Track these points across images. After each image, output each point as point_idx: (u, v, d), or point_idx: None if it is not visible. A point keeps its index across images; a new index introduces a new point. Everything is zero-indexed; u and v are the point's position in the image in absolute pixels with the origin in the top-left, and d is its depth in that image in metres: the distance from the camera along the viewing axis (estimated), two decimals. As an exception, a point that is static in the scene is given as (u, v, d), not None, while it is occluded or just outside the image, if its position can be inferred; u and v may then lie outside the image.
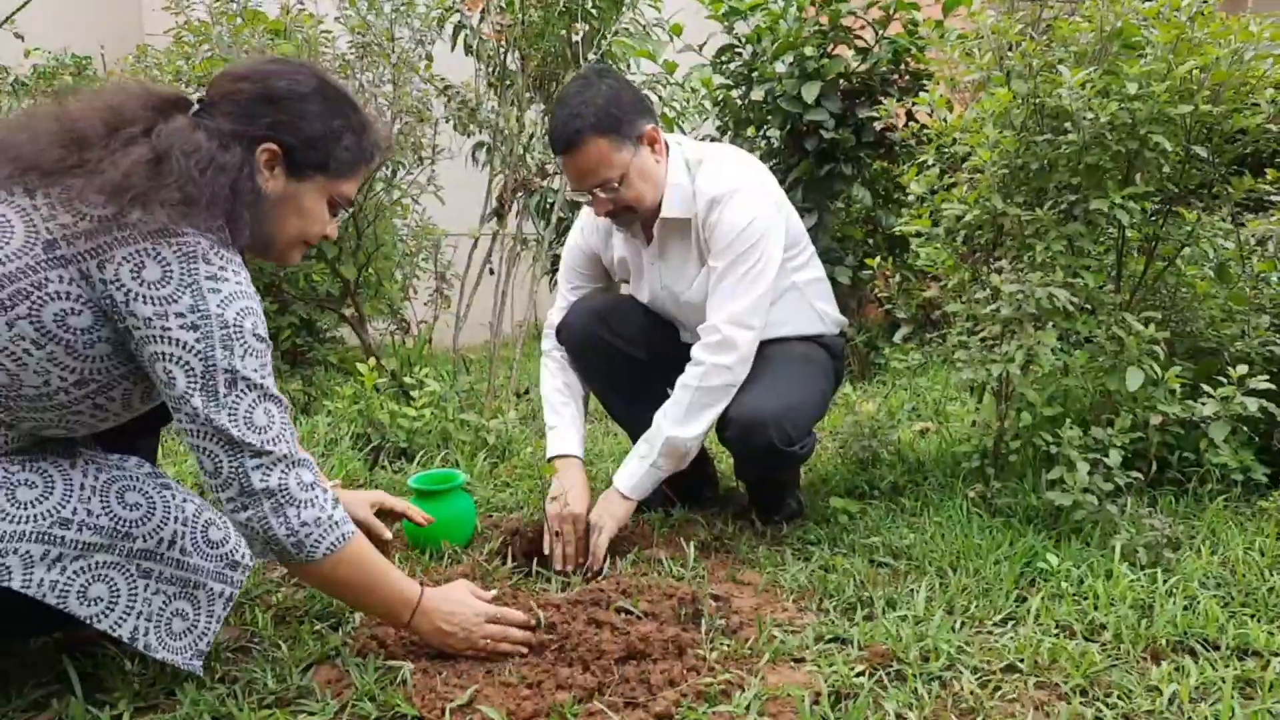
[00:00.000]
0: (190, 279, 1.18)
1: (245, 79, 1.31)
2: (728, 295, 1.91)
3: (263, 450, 1.22)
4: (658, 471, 1.93)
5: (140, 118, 1.23)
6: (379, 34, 2.93)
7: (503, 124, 3.18)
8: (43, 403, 1.20)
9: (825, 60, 3.66)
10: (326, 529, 1.28)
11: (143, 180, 1.16)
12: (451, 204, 3.38)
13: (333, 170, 1.35)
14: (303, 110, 1.31)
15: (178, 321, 1.17)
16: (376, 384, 2.71)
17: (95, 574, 1.23)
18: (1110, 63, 1.95)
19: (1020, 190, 2.12)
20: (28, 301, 1.15)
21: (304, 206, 1.35)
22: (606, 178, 1.89)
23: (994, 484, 2.15)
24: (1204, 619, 1.54)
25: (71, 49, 5.46)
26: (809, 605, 1.69)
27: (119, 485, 1.28)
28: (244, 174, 1.25)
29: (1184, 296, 2.37)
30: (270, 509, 1.23)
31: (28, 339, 1.16)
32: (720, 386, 1.90)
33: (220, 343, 1.19)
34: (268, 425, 1.23)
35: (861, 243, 4.21)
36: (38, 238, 1.17)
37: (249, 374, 1.21)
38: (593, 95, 1.86)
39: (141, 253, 1.17)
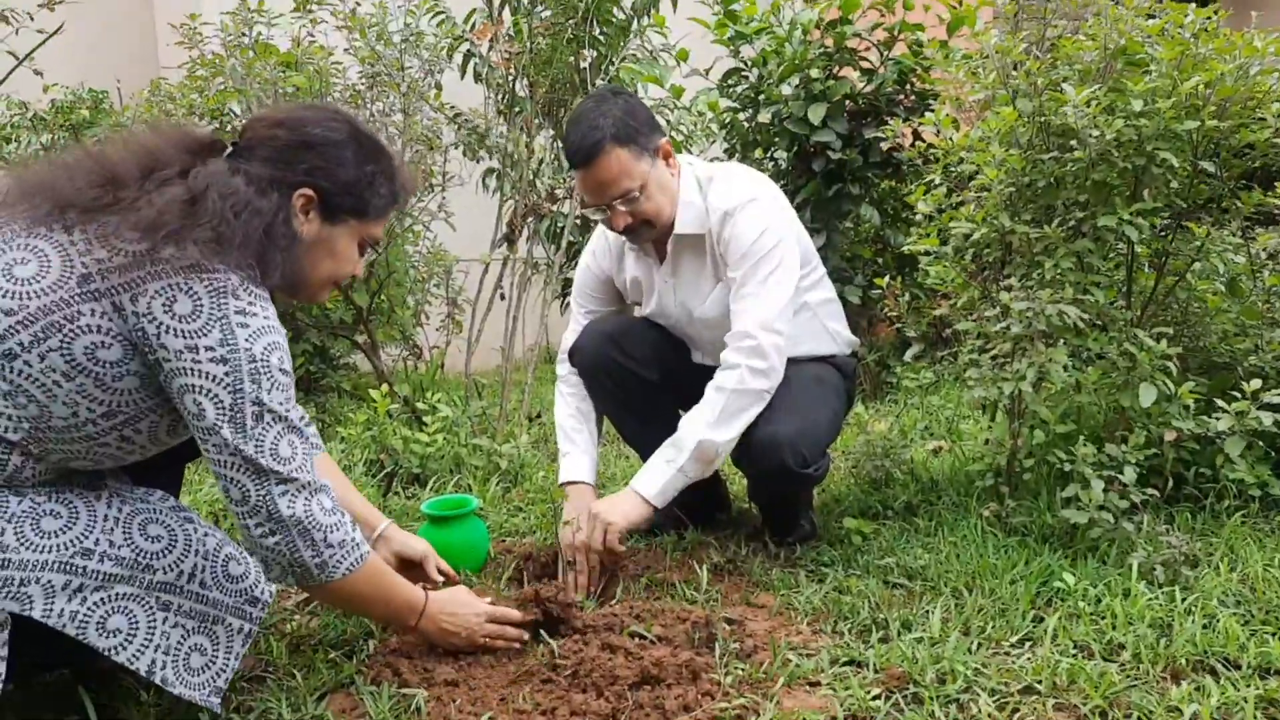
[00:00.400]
0: (220, 314, 1.22)
1: (281, 125, 1.36)
2: (753, 300, 1.90)
3: (288, 478, 1.26)
4: (684, 477, 1.86)
5: (176, 160, 1.28)
6: (389, 64, 2.98)
7: (512, 149, 3.21)
8: (71, 434, 1.23)
9: (831, 82, 3.68)
10: (348, 550, 1.33)
11: (176, 218, 1.20)
12: (462, 230, 3.41)
13: (366, 214, 1.41)
14: (339, 156, 1.36)
15: (208, 355, 1.20)
16: (389, 410, 2.73)
17: (115, 605, 1.24)
18: (1115, 80, 1.96)
19: (1028, 208, 2.13)
20: (60, 334, 1.18)
21: (337, 249, 1.40)
22: (627, 188, 1.90)
23: (1008, 502, 2.13)
24: (1224, 637, 1.52)
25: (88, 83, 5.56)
26: (824, 628, 1.68)
27: (141, 517, 1.30)
28: (279, 218, 1.30)
29: (1196, 311, 2.36)
30: (298, 534, 1.27)
31: (58, 370, 1.19)
32: (755, 391, 1.87)
33: (249, 376, 1.22)
34: (292, 455, 1.27)
35: (871, 262, 4.21)
36: (73, 271, 1.20)
37: (275, 406, 1.25)
38: (609, 109, 1.89)
39: (173, 287, 1.20)
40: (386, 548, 1.77)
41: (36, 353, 1.17)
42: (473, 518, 1.99)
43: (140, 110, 3.32)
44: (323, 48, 3.06)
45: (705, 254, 2.03)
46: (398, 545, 1.79)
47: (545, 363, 6.05)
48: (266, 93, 2.86)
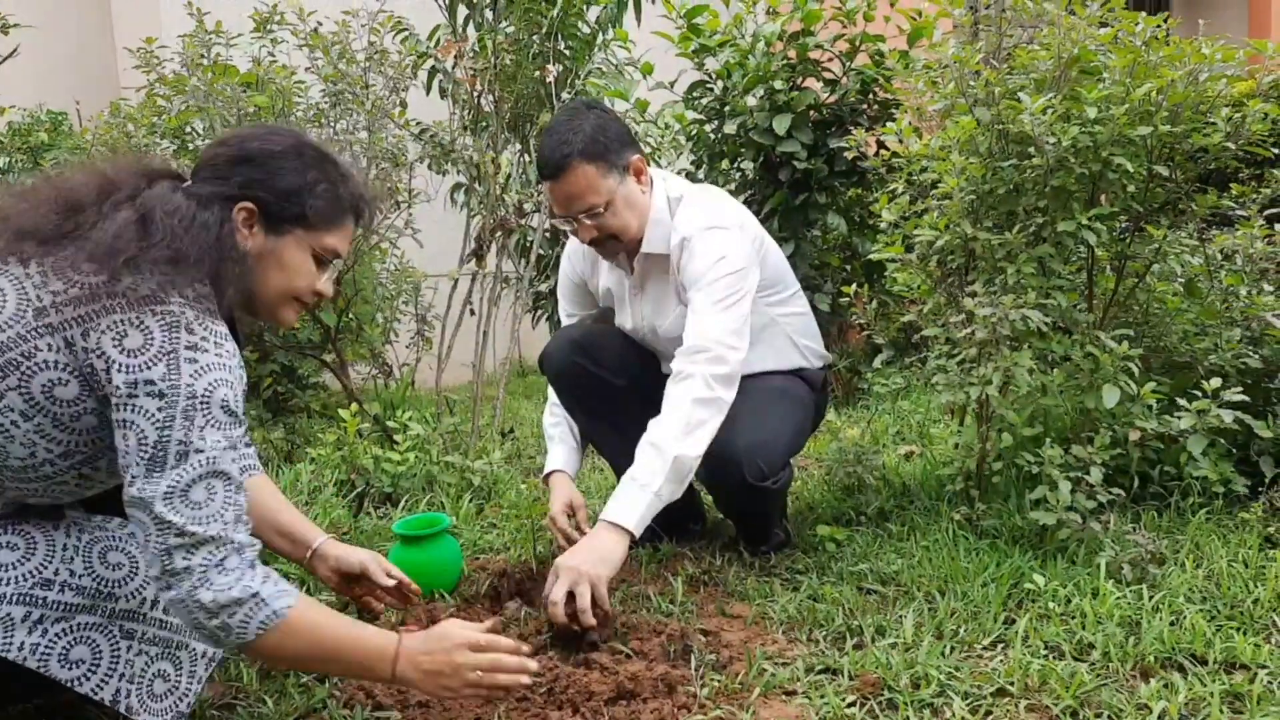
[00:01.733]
0: (170, 347, 1.16)
1: (224, 144, 1.35)
2: (706, 316, 1.87)
3: (186, 530, 1.14)
4: (660, 500, 1.75)
5: (129, 184, 1.26)
6: (353, 82, 2.96)
7: (479, 162, 3.20)
8: (28, 474, 1.20)
9: (795, 93, 3.72)
10: (252, 609, 1.16)
11: (131, 241, 1.17)
12: (430, 246, 3.39)
13: (311, 221, 1.34)
14: (276, 167, 1.32)
15: (146, 389, 1.14)
16: (360, 429, 2.70)
17: (77, 635, 1.22)
18: (1070, 88, 1.99)
19: (989, 214, 2.16)
20: (17, 372, 1.16)
21: (284, 261, 1.34)
22: (592, 204, 1.91)
23: (979, 506, 2.16)
24: (1191, 634, 1.55)
25: (47, 105, 5.49)
26: (799, 636, 1.68)
27: (101, 545, 1.28)
28: (224, 231, 1.26)
29: (1156, 312, 2.40)
30: (187, 590, 1.14)
31: (16, 410, 1.16)
32: (714, 400, 1.81)
33: (182, 413, 1.15)
34: (204, 502, 1.16)
35: (839, 269, 4.25)
36: (29, 305, 1.17)
37: (203, 447, 1.16)
38: (580, 124, 1.89)
39: (126, 321, 1.16)
40: (324, 565, 1.64)
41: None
42: (445, 536, 1.98)
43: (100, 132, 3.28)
44: (284, 67, 3.04)
45: (669, 274, 2.04)
46: (334, 560, 1.64)
47: (518, 376, 6.03)
48: (229, 111, 2.83)
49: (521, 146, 4.11)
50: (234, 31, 3.18)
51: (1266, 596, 1.68)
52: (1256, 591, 1.70)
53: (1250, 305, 2.30)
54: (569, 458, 2.18)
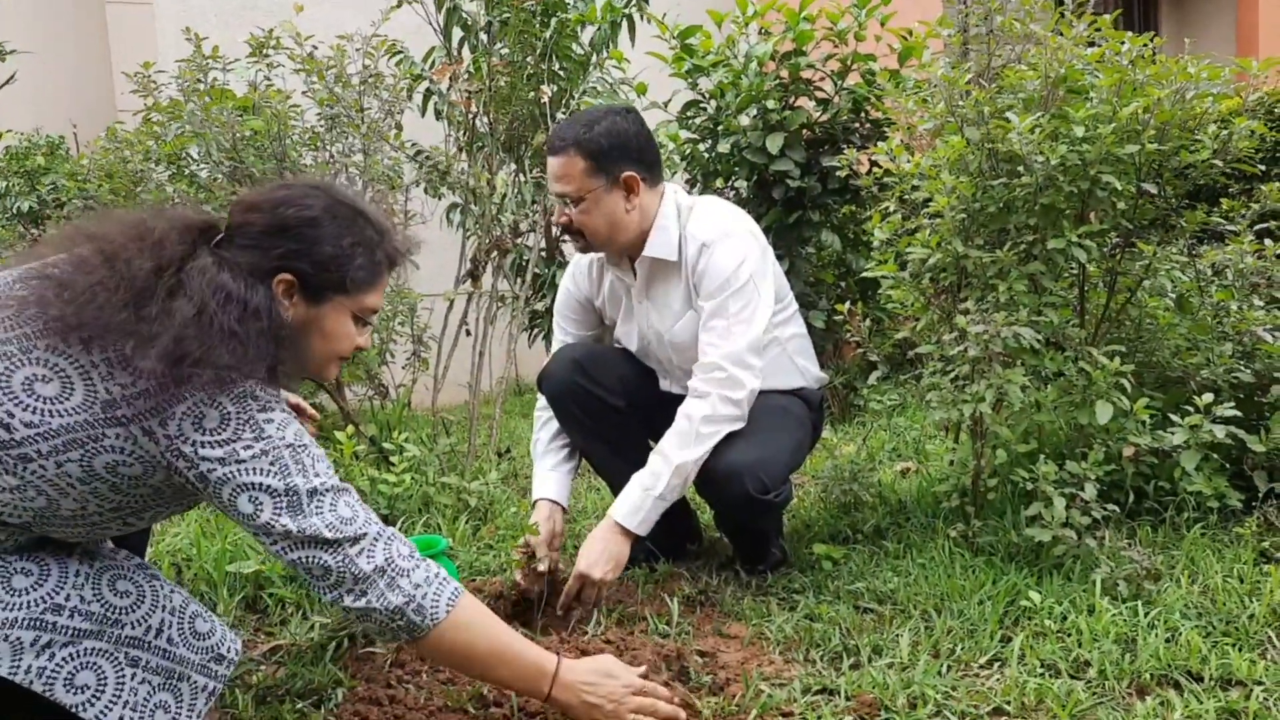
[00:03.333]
0: (246, 416, 1.22)
1: (256, 209, 1.33)
2: (722, 335, 1.93)
3: (358, 536, 1.26)
4: (663, 503, 1.88)
5: (178, 254, 1.25)
6: (348, 105, 2.98)
7: (474, 184, 3.22)
8: (76, 522, 1.24)
9: (787, 112, 3.74)
10: (440, 586, 1.30)
11: (193, 341, 1.18)
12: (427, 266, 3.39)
13: (350, 288, 1.35)
14: (314, 235, 1.32)
15: (248, 453, 1.21)
16: (356, 451, 2.70)
17: (83, 661, 1.23)
18: (1058, 107, 2.01)
19: (980, 232, 2.18)
20: (82, 449, 1.18)
21: (326, 329, 1.36)
22: (564, 191, 1.97)
23: (974, 523, 2.16)
24: (1186, 650, 1.55)
25: (44, 129, 5.51)
26: (796, 656, 1.68)
27: (111, 573, 1.30)
28: (273, 313, 1.27)
29: (1148, 328, 2.42)
30: (385, 585, 1.26)
31: (74, 476, 1.19)
32: (725, 418, 1.90)
33: (291, 459, 1.23)
34: (353, 516, 1.27)
35: (834, 286, 4.27)
36: (96, 397, 1.19)
37: (321, 480, 1.25)
38: (599, 119, 1.96)
39: (199, 404, 1.21)
40: None
41: (54, 460, 1.17)
42: (442, 559, 1.97)
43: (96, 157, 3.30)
44: (280, 91, 3.06)
45: (678, 280, 2.06)
46: None
47: (514, 394, 6.03)
48: (225, 136, 2.85)
49: (517, 167, 4.13)
50: (231, 56, 3.20)
51: (1262, 612, 1.68)
52: (1252, 607, 1.70)
53: (1241, 320, 2.31)
54: (555, 481, 2.17)
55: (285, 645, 1.81)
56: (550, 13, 3.98)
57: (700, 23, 3.92)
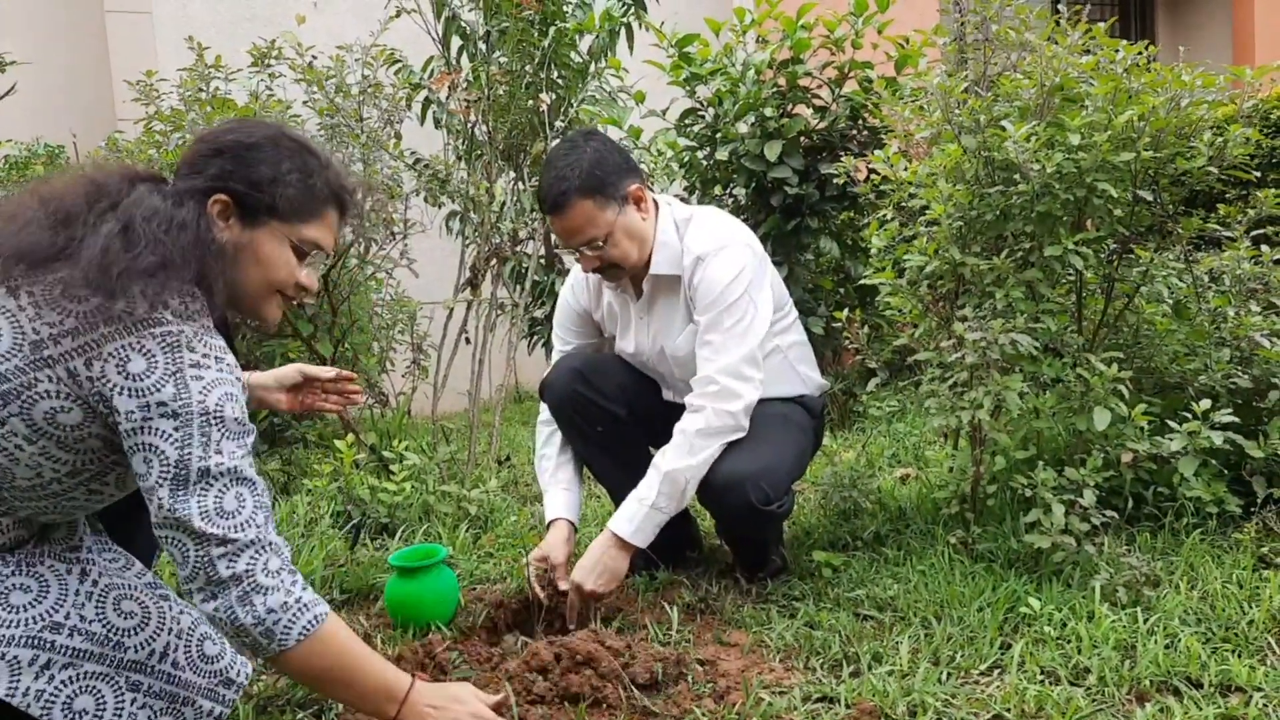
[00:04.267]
0: (174, 367, 1.17)
1: (201, 140, 1.32)
2: (718, 349, 1.93)
3: (227, 539, 1.18)
4: (658, 514, 1.88)
5: (113, 189, 1.24)
6: (347, 115, 2.99)
7: (473, 193, 3.23)
8: (36, 493, 1.21)
9: (785, 120, 3.76)
10: (296, 613, 1.21)
11: (119, 253, 1.16)
12: (426, 274, 3.41)
13: (284, 211, 1.31)
14: (248, 158, 1.29)
15: (159, 411, 1.16)
16: (356, 460, 2.71)
17: (82, 684, 1.21)
18: (1053, 115, 2.02)
19: (977, 240, 2.18)
20: (18, 401, 1.16)
21: (261, 253, 1.31)
22: (592, 237, 1.94)
23: (974, 529, 2.16)
24: (1186, 657, 1.55)
25: (44, 138, 5.53)
26: (796, 664, 1.68)
27: (116, 593, 1.28)
28: (201, 226, 1.24)
29: (1146, 334, 2.43)
30: (236, 597, 1.18)
31: (20, 435, 1.17)
32: (720, 429, 1.90)
33: (199, 429, 1.17)
34: (237, 510, 1.19)
35: (833, 293, 4.28)
36: (24, 339, 1.17)
37: (224, 459, 1.18)
38: (578, 158, 1.93)
39: (127, 347, 1.16)
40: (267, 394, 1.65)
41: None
42: (442, 567, 1.98)
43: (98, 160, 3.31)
44: (280, 101, 3.07)
45: (679, 294, 2.06)
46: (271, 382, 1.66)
47: (514, 402, 6.03)
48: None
49: (516, 175, 4.15)
50: (231, 65, 3.22)
51: (1261, 618, 1.68)
52: (1251, 613, 1.71)
53: (1239, 325, 2.32)
54: (567, 501, 2.14)
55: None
56: (549, 21, 3.99)
57: (698, 31, 3.94)
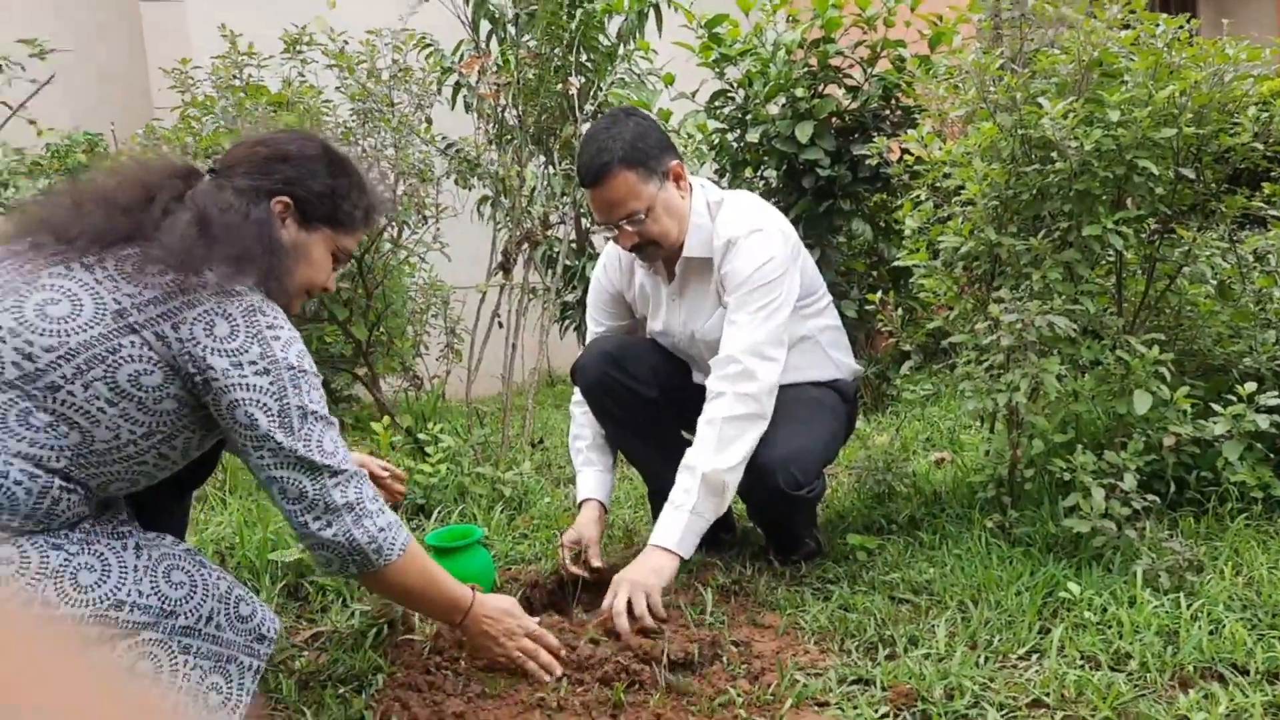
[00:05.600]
0: (254, 330, 1.30)
1: (259, 143, 1.46)
2: (742, 328, 1.92)
3: (338, 470, 1.34)
4: (700, 519, 1.82)
5: (168, 186, 1.37)
6: (379, 100, 3.01)
7: (503, 174, 3.24)
8: (112, 455, 1.28)
9: (816, 100, 3.72)
10: (398, 531, 1.41)
11: (195, 240, 1.28)
12: (459, 258, 3.43)
13: (339, 223, 1.48)
14: (312, 169, 1.45)
15: (251, 369, 1.28)
16: (392, 442, 2.74)
17: (141, 651, 1.28)
18: (1092, 91, 1.98)
19: (1014, 220, 2.15)
20: (103, 365, 1.24)
21: (313, 256, 1.47)
22: (633, 210, 1.93)
23: (1011, 513, 2.14)
24: (1231, 643, 1.53)
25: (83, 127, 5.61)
26: (831, 646, 1.68)
27: (166, 564, 1.35)
28: (272, 224, 1.38)
29: (1189, 315, 2.38)
30: (352, 521, 1.35)
31: (102, 398, 1.25)
32: (746, 416, 1.86)
33: (290, 382, 1.31)
34: (335, 449, 1.35)
35: (866, 275, 4.23)
36: (105, 309, 1.26)
37: (315, 406, 1.33)
38: (620, 131, 1.93)
39: (209, 312, 1.28)
40: None
41: (80, 383, 1.23)
42: (477, 547, 2.00)
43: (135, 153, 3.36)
44: (312, 87, 3.09)
45: (711, 278, 2.05)
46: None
47: (547, 385, 6.06)
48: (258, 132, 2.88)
49: (546, 159, 4.15)
50: (265, 53, 3.24)
51: (1307, 603, 1.65)
52: (1297, 598, 1.68)
53: (1285, 306, 2.27)
54: (599, 482, 2.16)
55: (326, 632, 1.84)
56: (577, 4, 3.98)
57: (727, 11, 3.90)
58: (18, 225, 1.35)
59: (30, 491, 1.21)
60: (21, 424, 1.21)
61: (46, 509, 1.24)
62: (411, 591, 1.49)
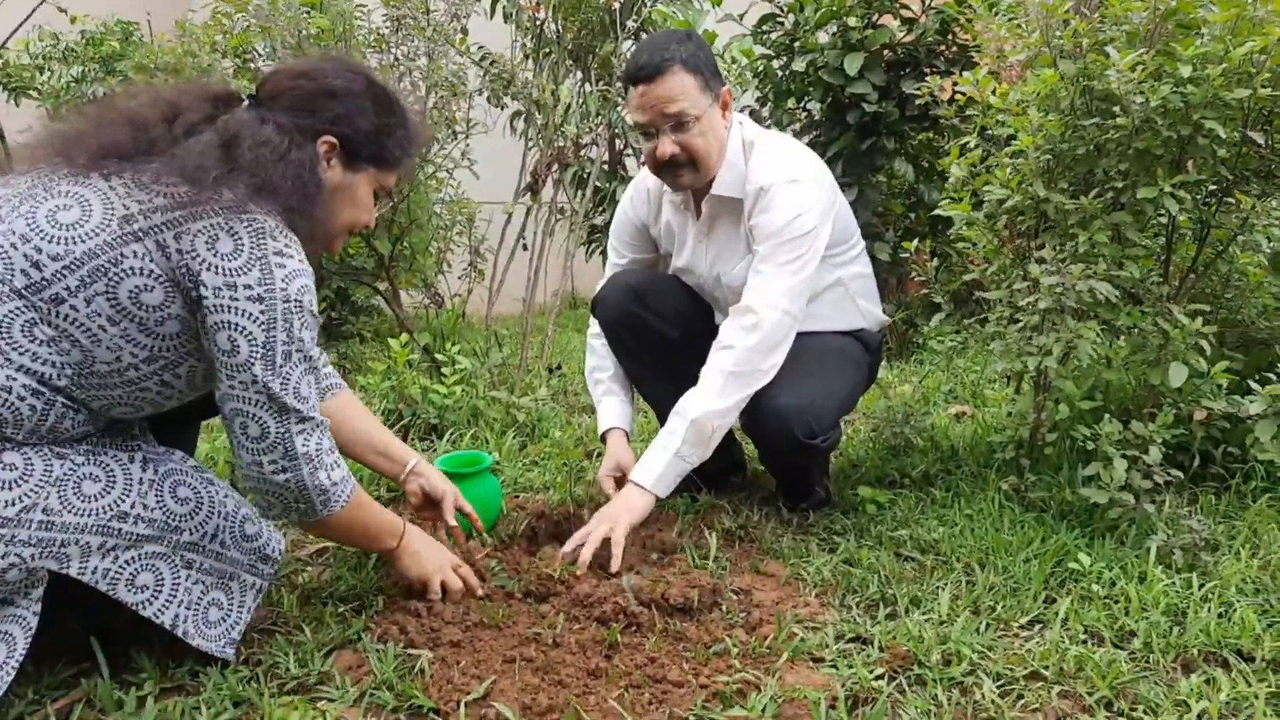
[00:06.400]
0: (260, 253, 1.25)
1: (303, 75, 1.39)
2: (767, 280, 1.87)
3: (306, 417, 1.31)
4: (682, 462, 1.83)
5: (198, 108, 1.32)
6: (414, 6, 2.91)
7: (538, 94, 3.15)
8: (114, 378, 1.26)
9: (869, 31, 3.56)
10: (346, 484, 1.40)
11: (216, 163, 1.24)
12: (486, 176, 3.37)
13: (384, 162, 1.44)
14: (359, 106, 1.39)
15: (245, 293, 1.23)
16: (410, 359, 2.73)
17: (144, 564, 1.29)
18: (1164, 43, 1.86)
19: (1065, 175, 2.05)
20: (106, 278, 1.21)
21: (357, 196, 1.44)
22: (683, 110, 1.86)
23: (1028, 476, 2.10)
24: (1240, 628, 1.50)
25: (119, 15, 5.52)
26: (831, 601, 1.67)
27: (172, 480, 1.34)
28: (312, 167, 1.33)
29: (1236, 284, 2.28)
30: (308, 471, 1.33)
31: (104, 315, 1.22)
32: (753, 372, 1.84)
33: (283, 315, 1.25)
34: (309, 395, 1.32)
35: (903, 218, 4.12)
36: (113, 214, 1.23)
37: (304, 347, 1.29)
38: (682, 38, 1.89)
39: (215, 226, 1.24)
40: (415, 482, 1.80)
41: (83, 297, 1.20)
42: (487, 475, 2.00)
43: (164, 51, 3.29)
44: (347, -12, 2.99)
45: (740, 221, 1.99)
46: (425, 482, 1.81)
47: (569, 309, 6.04)
48: (290, 33, 2.81)
49: (584, 76, 4.03)
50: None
51: (1325, 594, 1.61)
52: (1314, 588, 1.64)
53: (1340, 283, 2.16)
54: (622, 412, 2.16)
55: (332, 548, 1.86)
56: (627, -88, 3.80)
57: (784, -70, 3.71)
58: (48, 137, 1.32)
59: (34, 409, 1.21)
60: (26, 336, 1.19)
61: (51, 425, 1.23)
62: (345, 534, 1.51)
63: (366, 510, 1.49)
